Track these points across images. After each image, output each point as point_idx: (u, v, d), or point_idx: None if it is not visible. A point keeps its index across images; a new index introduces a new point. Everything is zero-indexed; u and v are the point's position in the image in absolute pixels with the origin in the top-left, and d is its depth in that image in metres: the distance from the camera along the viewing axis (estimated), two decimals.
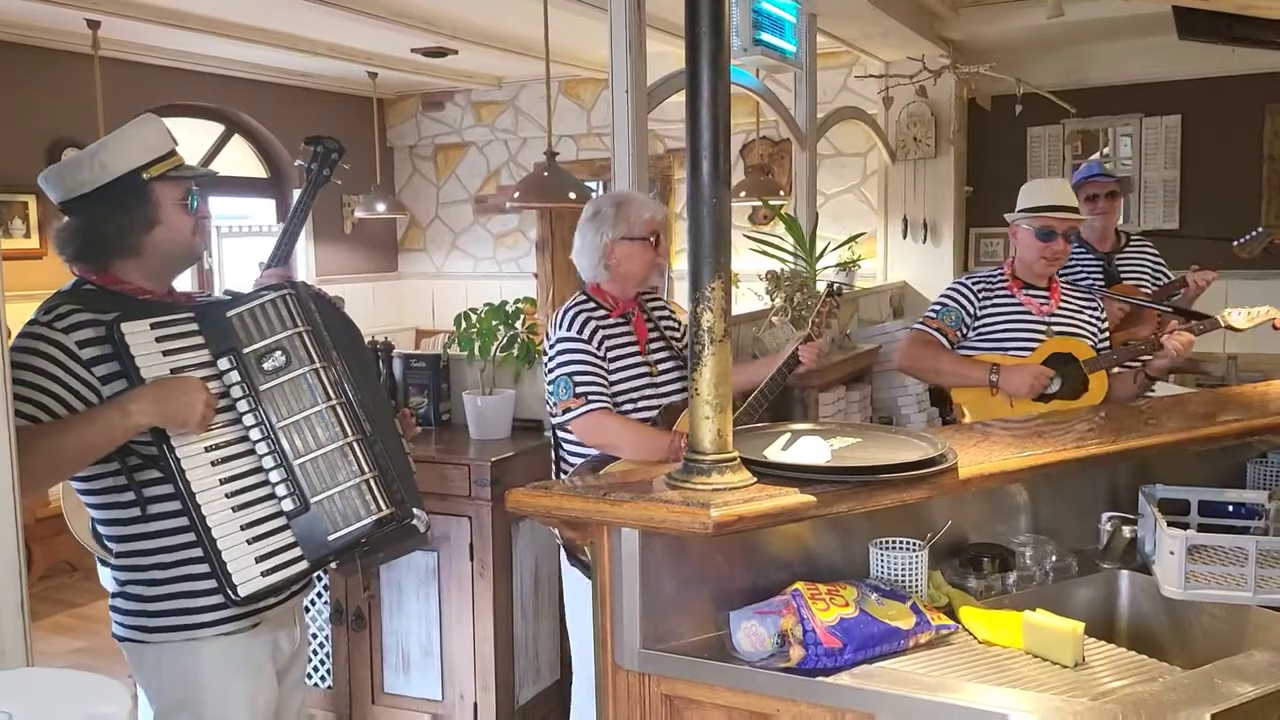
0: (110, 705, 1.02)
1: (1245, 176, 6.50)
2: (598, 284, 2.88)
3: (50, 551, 5.30)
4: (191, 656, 1.99)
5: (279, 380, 1.99)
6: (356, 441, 2.00)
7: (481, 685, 3.27)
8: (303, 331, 2.04)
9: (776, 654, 1.64)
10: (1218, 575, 1.90)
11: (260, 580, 1.91)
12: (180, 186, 2.08)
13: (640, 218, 2.83)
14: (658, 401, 2.82)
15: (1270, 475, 2.42)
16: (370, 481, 1.99)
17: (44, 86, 5.93)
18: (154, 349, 1.93)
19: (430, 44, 6.54)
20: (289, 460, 1.96)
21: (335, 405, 2.01)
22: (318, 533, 1.96)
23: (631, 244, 2.82)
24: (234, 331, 2.01)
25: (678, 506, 1.66)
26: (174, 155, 2.09)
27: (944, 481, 1.88)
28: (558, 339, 2.78)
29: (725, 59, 1.71)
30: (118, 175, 2.01)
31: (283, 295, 2.07)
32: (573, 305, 2.84)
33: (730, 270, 1.76)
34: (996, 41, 6.51)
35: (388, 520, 2.00)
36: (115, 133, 2.08)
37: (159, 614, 1.98)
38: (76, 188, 2.03)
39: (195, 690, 2.00)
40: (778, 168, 7.29)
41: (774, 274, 4.70)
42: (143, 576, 1.98)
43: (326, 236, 8.02)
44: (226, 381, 1.97)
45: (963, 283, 3.31)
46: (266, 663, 2.10)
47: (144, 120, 2.10)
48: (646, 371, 2.84)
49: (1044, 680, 1.63)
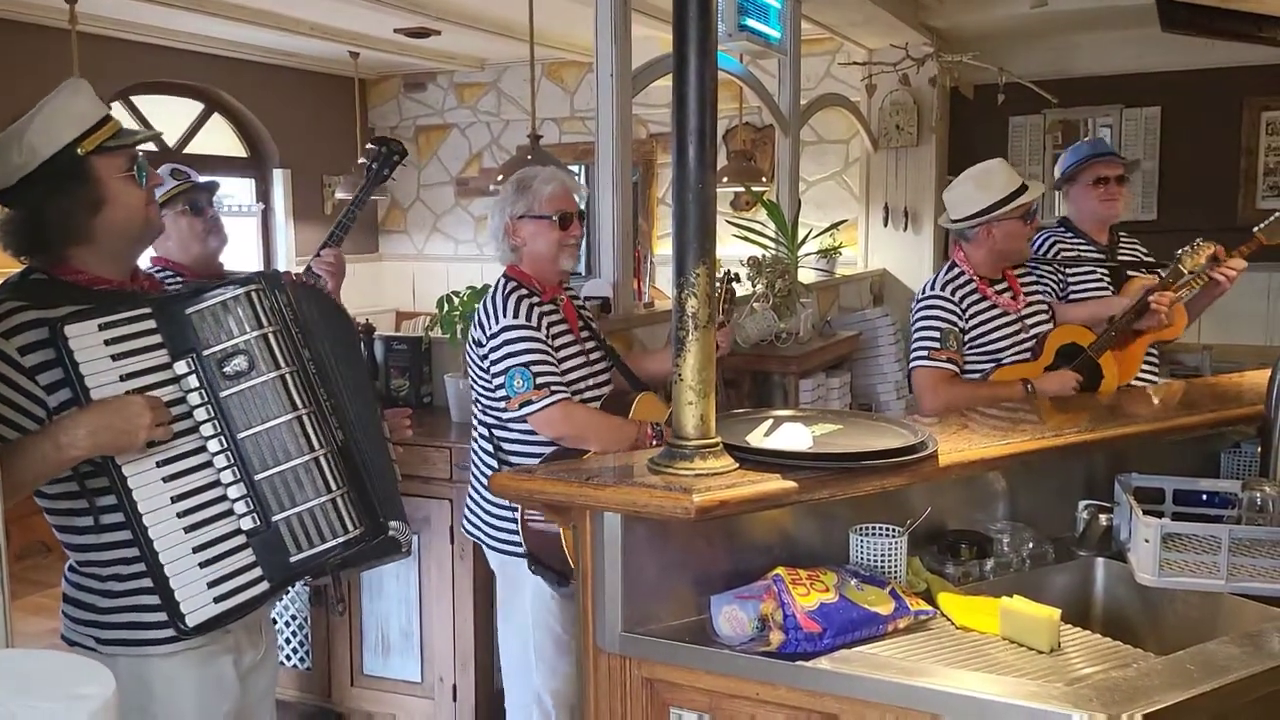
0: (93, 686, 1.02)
1: (1223, 169, 6.55)
2: (515, 265, 2.72)
3: (24, 532, 5.23)
4: (145, 669, 1.85)
5: (242, 386, 1.81)
6: (325, 456, 1.85)
7: (461, 667, 3.28)
8: (269, 333, 1.84)
9: (757, 638, 1.66)
10: (1191, 563, 1.92)
11: (212, 608, 1.76)
12: (122, 156, 1.86)
13: (542, 194, 2.67)
14: (598, 391, 2.71)
15: (1243, 465, 2.45)
16: (339, 500, 1.85)
17: (19, 62, 5.84)
18: (102, 354, 1.74)
19: (413, 24, 6.49)
20: (250, 475, 1.80)
21: (303, 416, 1.84)
22: (279, 553, 1.81)
23: (536, 222, 2.66)
24: (195, 331, 1.81)
25: (660, 491, 1.67)
26: (109, 122, 1.86)
27: (924, 468, 1.89)
28: (502, 327, 2.58)
29: (712, 43, 1.71)
30: (49, 155, 1.80)
31: (248, 291, 1.85)
32: (509, 290, 2.65)
33: (715, 256, 1.77)
34: (979, 30, 6.53)
35: (356, 540, 1.86)
36: (38, 107, 1.84)
37: (112, 626, 1.84)
38: (8, 176, 1.82)
39: (149, 701, 1.86)
40: (760, 154, 7.28)
41: (756, 260, 4.70)
42: (98, 586, 1.84)
43: (306, 216, 7.96)
44: (184, 387, 1.79)
45: (941, 296, 3.03)
46: (227, 670, 1.95)
47: (69, 88, 1.86)
48: (584, 360, 2.73)
49: (1020, 666, 1.65)
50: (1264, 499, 2.05)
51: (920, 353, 3.00)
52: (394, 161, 2.80)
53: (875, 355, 5.54)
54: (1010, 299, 3.10)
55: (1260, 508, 2.05)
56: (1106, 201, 3.47)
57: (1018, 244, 3.07)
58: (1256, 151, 6.54)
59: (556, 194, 2.68)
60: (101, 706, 0.97)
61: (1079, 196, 3.54)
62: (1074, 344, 3.09)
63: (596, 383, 2.74)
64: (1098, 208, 3.48)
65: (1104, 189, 3.46)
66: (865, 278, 6.79)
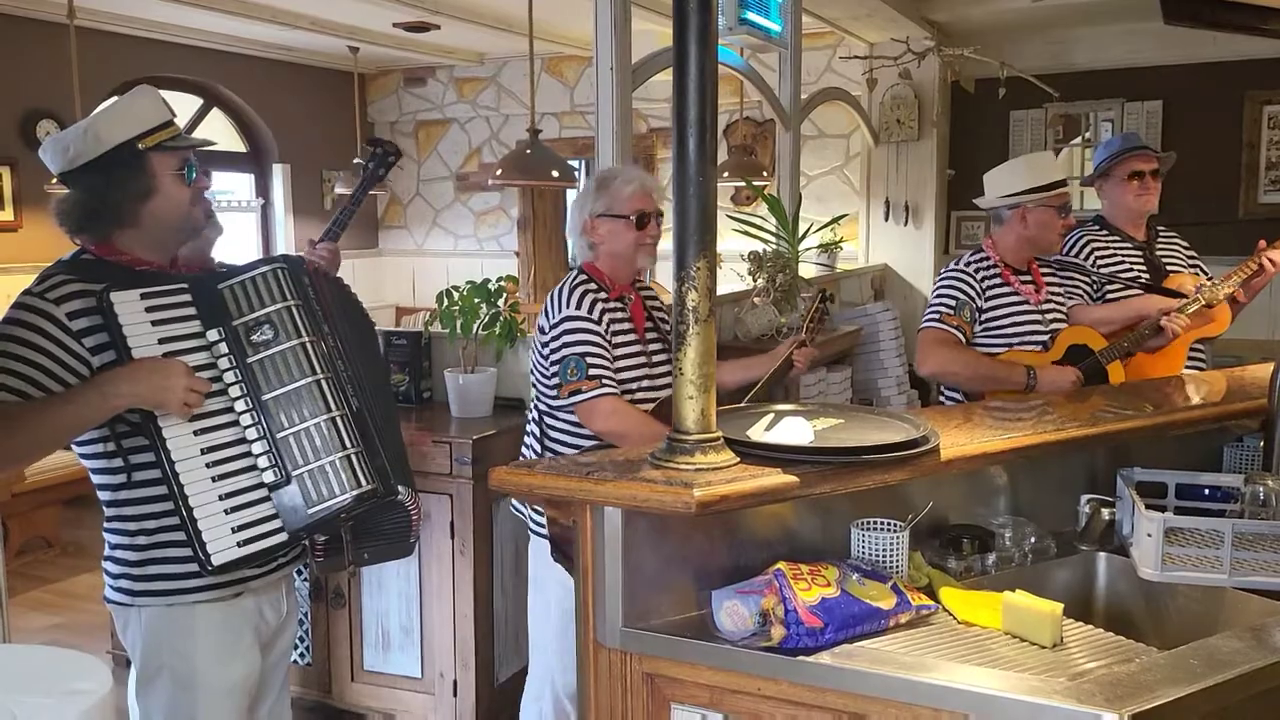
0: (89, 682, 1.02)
1: (1225, 163, 6.53)
2: (591, 263, 2.76)
3: (26, 527, 5.25)
4: (172, 621, 2.02)
5: (267, 353, 2.01)
6: (341, 417, 2.02)
7: (461, 663, 3.28)
8: (293, 305, 2.05)
9: (758, 633, 1.65)
10: (1194, 558, 1.91)
11: (235, 550, 1.93)
12: (177, 157, 2.09)
13: (622, 194, 2.70)
14: (653, 394, 2.72)
15: (1246, 459, 2.44)
16: (353, 457, 2.01)
17: (18, 56, 5.84)
18: (143, 319, 1.95)
19: (412, 19, 6.48)
20: (272, 433, 1.98)
21: (322, 380, 2.02)
22: (298, 505, 1.98)
23: (614, 221, 2.70)
24: (225, 304, 2.03)
25: (661, 486, 1.66)
26: (170, 126, 2.09)
27: (926, 463, 1.89)
28: (564, 317, 2.63)
29: (713, 35, 1.70)
30: (111, 146, 2.01)
31: (274, 269, 2.08)
32: (577, 283, 2.70)
33: (715, 250, 1.76)
34: (981, 24, 6.51)
35: (369, 496, 2.01)
36: (110, 103, 2.10)
37: (142, 578, 2.01)
38: (72, 160, 2.03)
39: (173, 656, 2.03)
40: (761, 148, 7.28)
41: (756, 255, 4.69)
42: (129, 541, 2.01)
43: (306, 212, 7.96)
44: (215, 353, 1.99)
45: (964, 271, 3.08)
46: (248, 632, 2.12)
47: (139, 91, 2.11)
48: (645, 361, 2.73)
49: (1022, 660, 1.64)
50: (1267, 493, 2.04)
51: (932, 315, 3.05)
52: (389, 163, 2.85)
53: (876, 350, 5.53)
54: (1033, 290, 3.12)
55: (1263, 502, 2.04)
56: (1142, 196, 3.42)
57: (1049, 235, 3.07)
58: (1258, 145, 6.52)
59: (635, 194, 2.72)
60: (97, 702, 0.97)
61: (1113, 192, 3.50)
62: (1085, 345, 3.09)
63: (654, 385, 2.73)
64: (1133, 203, 3.44)
65: (1139, 183, 3.42)
66: (866, 272, 6.78)
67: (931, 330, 3.03)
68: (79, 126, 2.04)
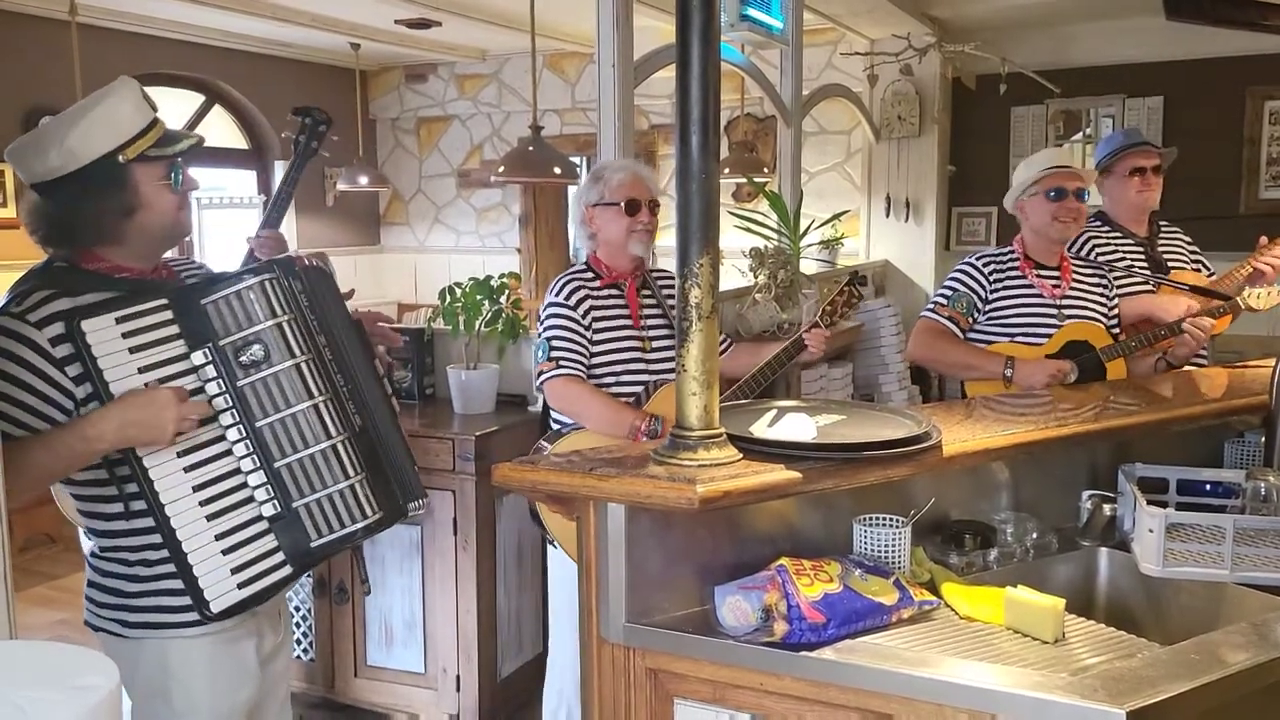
0: (97, 678, 1.02)
1: (1226, 159, 6.52)
2: (594, 254, 2.90)
3: (29, 523, 5.26)
4: (170, 653, 1.89)
5: (259, 375, 1.83)
6: (342, 442, 1.88)
7: (464, 658, 3.28)
8: (284, 321, 1.86)
9: (761, 629, 1.65)
10: (1195, 553, 1.92)
11: (235, 594, 1.81)
12: (163, 164, 1.89)
13: (613, 183, 2.81)
14: (648, 377, 2.81)
15: (1247, 455, 2.44)
16: (358, 485, 1.88)
17: (19, 53, 5.83)
18: (119, 347, 1.75)
19: (414, 15, 6.47)
20: (269, 462, 1.82)
21: (320, 403, 1.86)
22: (300, 539, 1.85)
23: (607, 209, 2.81)
24: (209, 321, 1.82)
25: (664, 482, 1.66)
26: (154, 127, 1.88)
27: (928, 459, 1.89)
28: (547, 304, 2.81)
29: (716, 31, 1.70)
30: (89, 161, 1.81)
31: (263, 280, 1.86)
32: (568, 273, 2.87)
33: (718, 246, 1.76)
34: (982, 20, 6.50)
35: (376, 526, 1.91)
36: (82, 109, 1.83)
37: (140, 610, 1.88)
38: (45, 174, 1.83)
39: (172, 683, 1.91)
40: (762, 145, 7.27)
41: (758, 251, 4.69)
42: (126, 572, 1.87)
43: (309, 209, 7.95)
44: (202, 377, 1.81)
45: (973, 264, 3.12)
46: (249, 656, 2.00)
47: (116, 92, 1.87)
48: (638, 345, 2.83)
49: (1024, 656, 1.65)
50: (1268, 489, 2.05)
51: (929, 306, 3.18)
52: (320, 133, 2.74)
53: (878, 346, 5.53)
54: (1052, 286, 3.09)
55: (1264, 498, 2.05)
56: (1143, 192, 3.42)
57: (1043, 222, 3.06)
58: (1259, 142, 6.51)
59: (625, 181, 2.82)
60: (105, 697, 0.97)
61: (1115, 188, 3.49)
62: (1085, 341, 3.07)
63: (651, 369, 2.82)
64: (1134, 199, 3.43)
65: (1140, 179, 3.41)
66: (867, 269, 6.77)
67: (922, 320, 3.16)
68: (49, 135, 1.82)
